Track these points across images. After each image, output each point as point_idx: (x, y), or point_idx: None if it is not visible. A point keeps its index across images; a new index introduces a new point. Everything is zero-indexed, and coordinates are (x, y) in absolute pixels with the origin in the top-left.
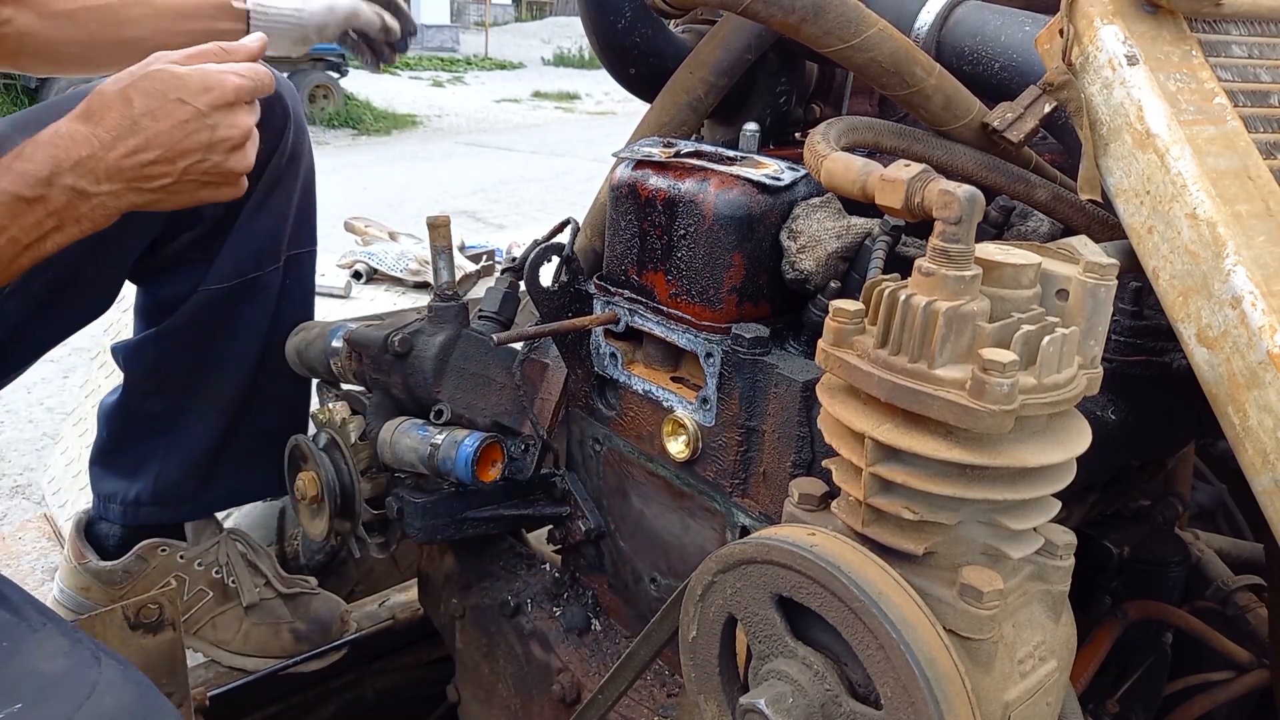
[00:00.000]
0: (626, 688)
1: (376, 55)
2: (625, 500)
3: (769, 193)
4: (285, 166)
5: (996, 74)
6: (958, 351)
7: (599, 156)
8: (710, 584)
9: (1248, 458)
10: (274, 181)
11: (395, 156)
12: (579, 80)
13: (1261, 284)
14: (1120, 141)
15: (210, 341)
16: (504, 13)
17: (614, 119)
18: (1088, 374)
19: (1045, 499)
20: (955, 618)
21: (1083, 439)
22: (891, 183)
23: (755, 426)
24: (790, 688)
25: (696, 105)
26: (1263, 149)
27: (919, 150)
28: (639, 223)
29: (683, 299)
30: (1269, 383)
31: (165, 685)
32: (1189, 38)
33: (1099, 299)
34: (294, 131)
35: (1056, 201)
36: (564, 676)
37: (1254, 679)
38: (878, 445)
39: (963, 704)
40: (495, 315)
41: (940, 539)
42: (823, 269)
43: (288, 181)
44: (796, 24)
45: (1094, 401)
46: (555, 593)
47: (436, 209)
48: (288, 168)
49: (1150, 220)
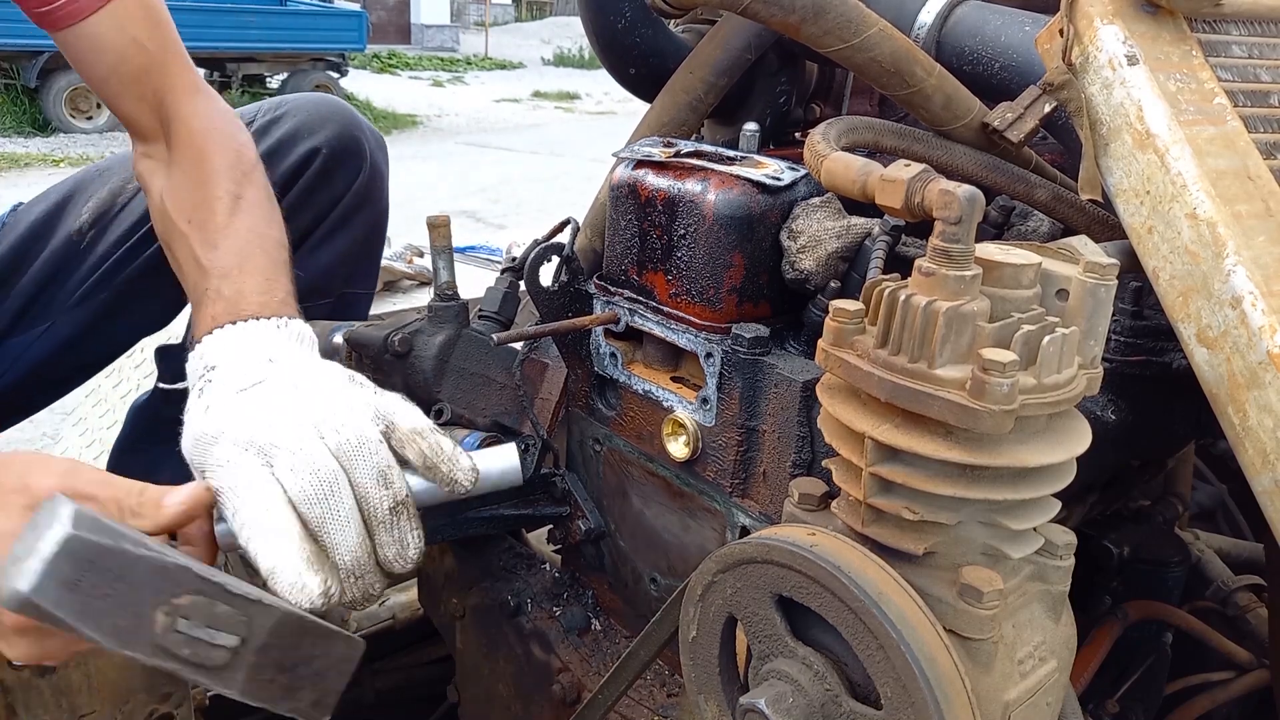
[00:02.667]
0: (626, 688)
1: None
2: (625, 500)
3: (769, 193)
4: (354, 208)
5: (996, 74)
6: (958, 351)
7: (599, 156)
8: (710, 584)
9: (1248, 458)
10: (340, 221)
11: (395, 156)
12: (579, 80)
13: (1261, 284)
14: (1120, 141)
15: None
16: (504, 13)
17: (614, 119)
18: (1088, 374)
19: (1045, 499)
20: (955, 618)
21: (1083, 439)
22: (891, 183)
23: (755, 426)
24: (790, 688)
25: (696, 105)
26: (1263, 149)
27: (919, 150)
28: (639, 223)
29: (683, 299)
30: (1269, 383)
31: (165, 685)
32: (1189, 38)
33: (1099, 299)
34: (369, 176)
35: (1056, 201)
36: (564, 676)
37: (1254, 679)
38: (878, 445)
39: (963, 704)
40: (495, 315)
41: (940, 539)
42: (823, 269)
43: (355, 224)
44: (796, 24)
45: (1094, 401)
46: (555, 593)
47: (436, 209)
48: (356, 210)
49: (1150, 220)
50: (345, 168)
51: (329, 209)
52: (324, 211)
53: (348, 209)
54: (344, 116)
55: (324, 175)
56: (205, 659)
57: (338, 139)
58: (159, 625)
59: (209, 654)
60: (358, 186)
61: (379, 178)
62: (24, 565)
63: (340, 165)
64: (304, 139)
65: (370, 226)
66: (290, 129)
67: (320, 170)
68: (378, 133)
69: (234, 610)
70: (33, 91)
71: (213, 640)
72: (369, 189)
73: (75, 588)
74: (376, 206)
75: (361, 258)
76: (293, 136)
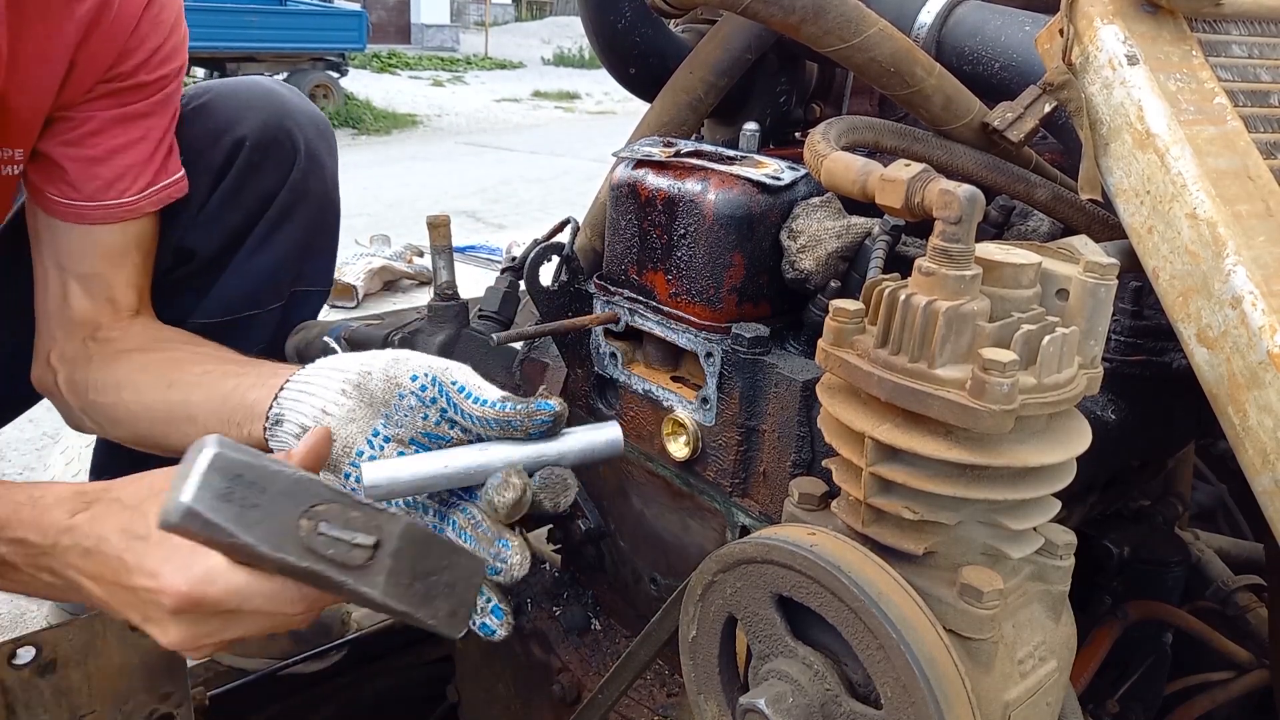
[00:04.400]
0: (626, 688)
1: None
2: (625, 500)
3: (769, 192)
4: (291, 204)
5: (996, 74)
6: (958, 351)
7: (599, 156)
8: (710, 584)
9: (1248, 458)
10: (279, 218)
11: (395, 156)
12: (579, 80)
13: (1261, 284)
14: (1120, 141)
15: None
16: (504, 13)
17: (614, 119)
18: (1088, 374)
19: (1045, 499)
20: (955, 618)
21: (1083, 439)
22: (891, 182)
23: (755, 426)
24: (790, 687)
25: (696, 105)
26: (1263, 149)
27: (919, 150)
28: (639, 222)
29: (683, 299)
30: (1269, 383)
31: (165, 685)
32: (1189, 38)
33: (1099, 299)
34: (304, 165)
35: (1056, 201)
36: (564, 676)
37: (1254, 679)
38: (878, 445)
39: (962, 704)
40: (495, 315)
41: (940, 539)
42: (823, 269)
43: (296, 218)
44: (796, 24)
45: (1094, 401)
46: (555, 593)
47: (436, 209)
48: (294, 205)
49: (1150, 220)
50: (274, 159)
51: (263, 206)
52: (257, 209)
53: (285, 205)
54: (271, 103)
55: (251, 169)
56: (347, 558)
57: (263, 128)
58: (303, 529)
59: (350, 554)
60: (293, 180)
61: (319, 168)
62: (184, 484)
63: (268, 157)
64: (227, 130)
65: (314, 222)
66: (213, 120)
67: (246, 164)
68: (318, 117)
69: (364, 516)
70: None
71: (352, 540)
72: (307, 181)
73: (229, 497)
74: (320, 199)
75: (309, 255)
76: (215, 128)
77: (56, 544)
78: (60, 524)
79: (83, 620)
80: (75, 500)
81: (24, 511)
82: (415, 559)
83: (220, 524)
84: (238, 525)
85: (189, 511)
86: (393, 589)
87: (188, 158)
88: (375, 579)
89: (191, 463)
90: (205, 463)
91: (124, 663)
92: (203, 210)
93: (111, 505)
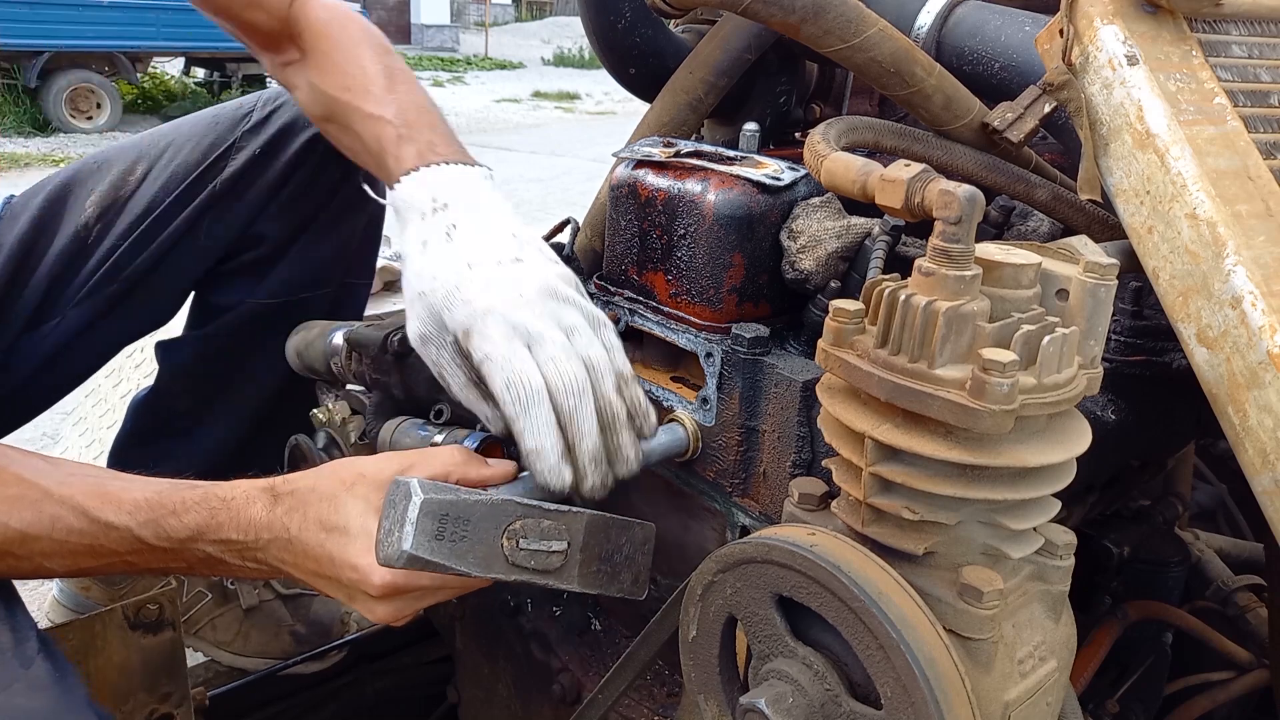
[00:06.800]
0: (626, 688)
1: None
2: (625, 500)
3: (769, 193)
4: (355, 199)
5: (996, 74)
6: (958, 351)
7: (599, 156)
8: (710, 584)
9: (1248, 458)
10: (340, 212)
11: None
12: (579, 80)
13: (1261, 284)
14: (1120, 141)
15: (247, 352)
16: (504, 13)
17: (614, 119)
18: (1088, 374)
19: (1045, 499)
20: (955, 618)
21: (1083, 439)
22: (891, 182)
23: (755, 426)
24: (790, 687)
25: (696, 105)
26: (1263, 149)
27: (919, 150)
28: (639, 222)
29: (683, 299)
30: (1269, 383)
31: (165, 685)
32: (1189, 38)
33: (1099, 299)
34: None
35: (1056, 201)
36: (564, 676)
37: (1254, 679)
38: (878, 445)
39: (962, 704)
40: None
41: (940, 539)
42: (823, 269)
43: (354, 213)
44: (796, 24)
45: (1094, 401)
46: (555, 593)
47: None
48: (356, 200)
49: (1150, 220)
50: (343, 157)
51: (329, 198)
52: (325, 200)
53: (346, 199)
54: None
55: (325, 164)
56: (546, 565)
57: None
58: (506, 548)
59: (548, 560)
60: (358, 178)
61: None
62: (399, 533)
63: (338, 155)
64: (304, 128)
65: (370, 216)
66: (289, 119)
67: (321, 159)
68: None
69: (554, 523)
70: (33, 92)
71: (548, 549)
72: (369, 177)
73: (440, 535)
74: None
75: (361, 248)
76: (292, 125)
77: (259, 539)
78: (259, 520)
79: (83, 620)
80: (265, 495)
81: (220, 515)
82: (599, 546)
83: (439, 562)
84: (452, 559)
85: (411, 557)
86: (585, 578)
87: (269, 150)
88: (571, 574)
89: (400, 509)
90: (416, 511)
91: (124, 662)
92: (275, 199)
93: (306, 497)
